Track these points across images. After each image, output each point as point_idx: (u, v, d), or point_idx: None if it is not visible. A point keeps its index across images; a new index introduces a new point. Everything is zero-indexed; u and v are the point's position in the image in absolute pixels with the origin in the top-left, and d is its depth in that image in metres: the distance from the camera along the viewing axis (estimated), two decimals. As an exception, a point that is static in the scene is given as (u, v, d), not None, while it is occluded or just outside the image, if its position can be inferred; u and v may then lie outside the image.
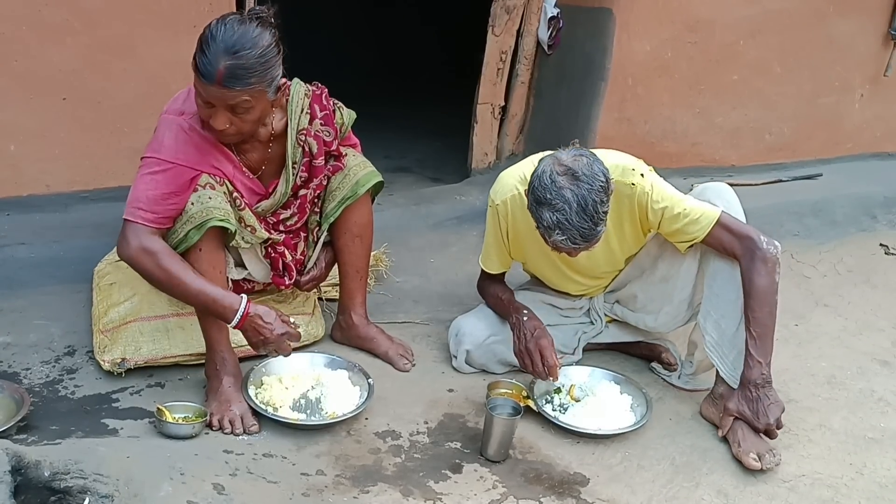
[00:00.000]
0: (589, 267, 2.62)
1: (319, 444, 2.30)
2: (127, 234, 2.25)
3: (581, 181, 2.18)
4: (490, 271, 2.69)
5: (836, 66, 4.30)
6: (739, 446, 2.36)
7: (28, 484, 1.80)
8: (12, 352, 2.58)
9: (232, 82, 2.15)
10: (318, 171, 2.55)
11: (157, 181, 2.27)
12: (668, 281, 2.60)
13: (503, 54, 3.99)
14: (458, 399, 2.59)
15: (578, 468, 2.32)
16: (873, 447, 2.51)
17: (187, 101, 2.33)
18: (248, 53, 2.15)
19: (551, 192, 2.18)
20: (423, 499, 2.14)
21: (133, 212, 2.25)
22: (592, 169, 2.20)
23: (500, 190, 2.55)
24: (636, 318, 2.74)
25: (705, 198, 2.47)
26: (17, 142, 3.04)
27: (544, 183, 2.20)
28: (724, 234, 2.39)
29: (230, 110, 2.21)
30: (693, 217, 2.39)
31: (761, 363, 2.37)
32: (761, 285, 2.36)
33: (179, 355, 2.53)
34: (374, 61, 6.46)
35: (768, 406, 2.34)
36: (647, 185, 2.40)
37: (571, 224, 2.17)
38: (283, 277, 2.61)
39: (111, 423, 2.30)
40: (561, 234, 2.20)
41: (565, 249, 2.27)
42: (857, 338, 3.18)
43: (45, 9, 2.92)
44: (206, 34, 2.17)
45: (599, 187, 2.19)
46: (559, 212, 2.17)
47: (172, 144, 2.30)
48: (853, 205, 4.20)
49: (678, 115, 3.98)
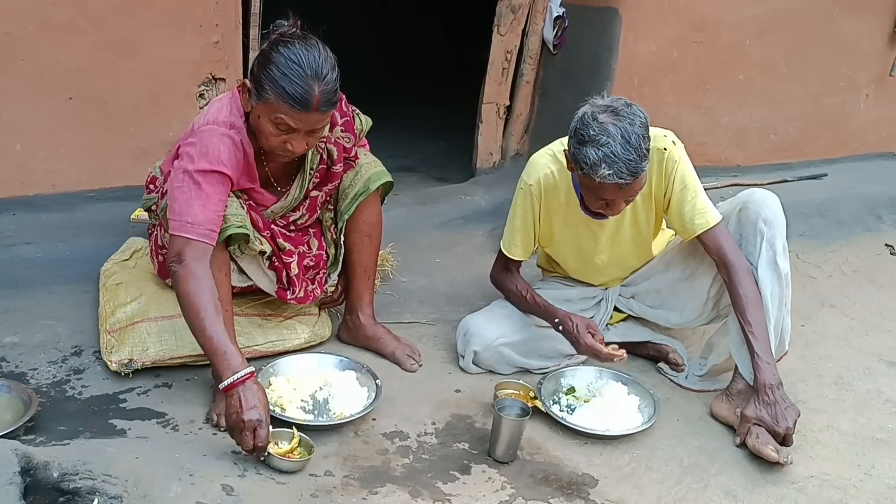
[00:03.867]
0: (615, 247, 2.63)
1: (327, 444, 2.29)
2: (182, 250, 2.17)
3: (622, 116, 2.23)
4: (513, 257, 2.68)
5: (841, 66, 4.30)
6: (758, 437, 2.35)
7: (37, 485, 1.79)
8: (19, 352, 2.58)
9: (326, 107, 2.17)
10: (335, 177, 2.55)
11: (213, 190, 2.22)
12: (695, 278, 2.62)
13: (508, 54, 3.98)
14: (466, 399, 2.59)
15: (587, 469, 2.32)
16: (882, 448, 2.51)
17: (233, 114, 2.29)
18: (331, 75, 2.16)
19: (594, 128, 2.22)
20: (432, 500, 2.14)
21: (186, 227, 2.17)
22: (631, 108, 2.26)
23: (532, 171, 2.57)
24: (656, 315, 2.75)
25: (753, 200, 2.49)
26: (24, 141, 3.04)
27: (587, 121, 2.25)
28: (719, 240, 2.45)
29: (310, 133, 2.21)
30: (699, 209, 2.45)
31: (770, 364, 2.38)
32: (753, 293, 2.42)
33: (187, 356, 2.52)
34: (378, 60, 6.46)
35: (786, 409, 2.35)
36: (677, 155, 2.46)
37: (617, 156, 2.20)
38: (287, 291, 2.58)
39: (119, 424, 2.30)
40: (608, 167, 2.21)
41: (608, 188, 2.27)
42: (863, 338, 3.18)
43: (52, 8, 2.91)
44: (282, 60, 2.12)
45: (640, 123, 2.24)
46: (605, 146, 2.20)
47: (229, 156, 2.25)
48: (859, 205, 4.20)
49: (684, 115, 3.97)
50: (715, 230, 2.45)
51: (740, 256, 2.45)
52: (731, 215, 2.53)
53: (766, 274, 2.45)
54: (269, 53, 2.16)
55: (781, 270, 2.46)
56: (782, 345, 2.55)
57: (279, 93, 2.13)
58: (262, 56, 2.19)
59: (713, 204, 2.50)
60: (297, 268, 2.57)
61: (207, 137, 2.25)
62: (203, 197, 2.20)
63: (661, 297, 2.72)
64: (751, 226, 2.48)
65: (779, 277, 2.46)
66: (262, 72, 2.16)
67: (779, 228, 2.47)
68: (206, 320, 2.12)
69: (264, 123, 2.20)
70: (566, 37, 3.86)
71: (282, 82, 2.12)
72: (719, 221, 2.46)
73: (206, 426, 2.33)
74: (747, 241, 2.49)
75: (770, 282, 2.45)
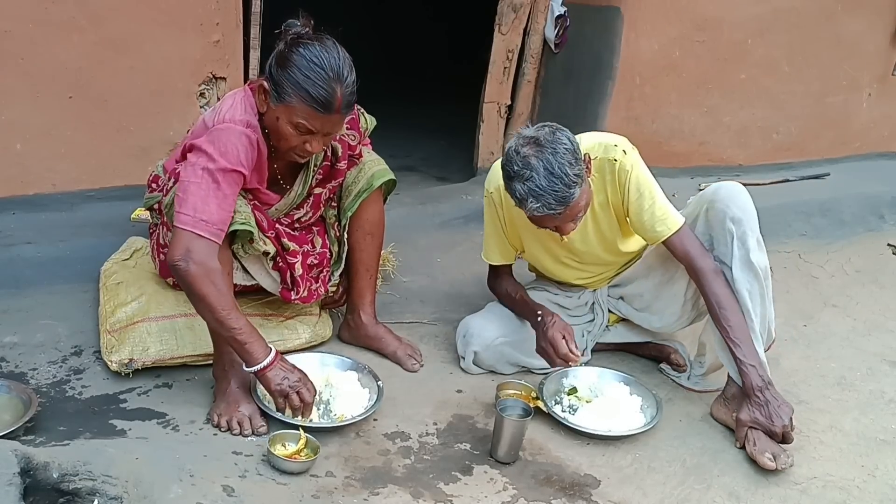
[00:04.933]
0: (586, 252, 2.61)
1: (328, 445, 2.28)
2: (192, 246, 2.14)
3: (544, 147, 2.19)
4: (493, 263, 2.69)
5: (843, 66, 4.30)
6: (755, 445, 2.34)
7: (37, 486, 1.79)
8: (19, 352, 2.57)
9: (347, 109, 2.17)
10: (339, 174, 2.55)
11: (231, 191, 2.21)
12: (674, 282, 2.60)
13: (510, 53, 3.98)
14: (467, 400, 2.58)
15: (589, 470, 2.31)
16: (885, 449, 2.50)
17: (248, 112, 2.27)
18: (350, 77, 2.16)
19: (517, 163, 2.20)
20: (433, 500, 2.13)
21: (200, 224, 2.15)
22: (555, 135, 2.22)
23: (492, 178, 2.56)
24: (640, 318, 2.74)
25: (718, 198, 2.45)
26: (24, 140, 3.03)
27: (510, 156, 2.22)
28: (685, 245, 2.42)
29: (327, 134, 2.21)
30: (658, 216, 2.41)
31: (755, 366, 2.36)
32: (726, 295, 2.39)
33: (188, 356, 2.52)
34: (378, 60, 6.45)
35: (779, 407, 2.33)
36: (629, 164, 2.41)
37: (542, 189, 2.17)
38: (291, 291, 2.57)
39: (119, 424, 2.29)
40: (535, 201, 2.19)
41: (545, 219, 2.26)
42: (866, 338, 3.17)
43: (52, 7, 2.91)
44: (303, 63, 2.11)
45: (564, 150, 2.19)
46: (528, 180, 2.18)
47: (247, 155, 2.24)
48: (861, 204, 4.20)
49: (686, 114, 3.97)
50: (678, 236, 2.42)
51: (707, 259, 2.42)
52: (699, 216, 2.50)
53: (742, 274, 2.41)
54: (288, 55, 2.15)
55: (757, 266, 2.41)
56: (769, 335, 2.51)
57: (302, 96, 2.12)
58: (281, 57, 2.17)
59: (675, 208, 2.45)
60: (301, 268, 2.56)
61: (226, 136, 2.22)
62: (220, 196, 2.19)
63: (645, 300, 2.70)
64: (719, 226, 2.43)
65: (755, 275, 2.41)
66: (283, 74, 2.15)
67: (749, 224, 2.42)
68: (229, 314, 2.17)
69: (284, 125, 2.20)
70: (568, 36, 3.86)
71: (305, 85, 2.11)
72: (681, 226, 2.42)
73: (206, 426, 2.32)
74: (718, 242, 2.45)
75: (747, 281, 2.41)
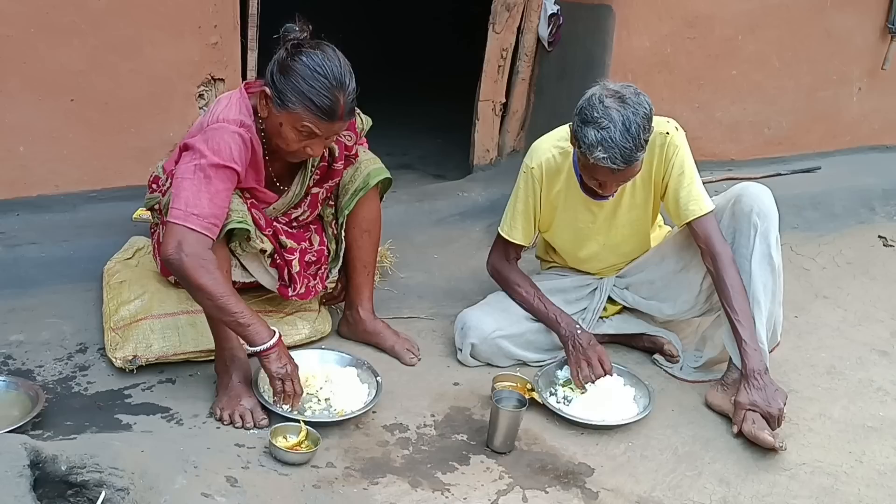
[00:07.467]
0: (612, 234, 2.70)
1: (329, 437, 2.33)
2: (183, 239, 2.17)
3: (627, 104, 2.29)
4: (514, 241, 2.74)
5: (834, 60, 4.33)
6: (754, 423, 2.39)
7: (46, 478, 1.83)
8: (25, 349, 2.62)
9: (349, 116, 2.23)
10: (335, 174, 2.59)
11: (223, 186, 2.24)
12: (688, 270, 2.67)
13: (504, 51, 4.02)
14: (464, 392, 2.63)
15: (583, 458, 2.36)
16: (872, 436, 2.55)
17: (242, 112, 2.31)
18: (351, 84, 2.21)
19: (598, 110, 2.28)
20: (431, 489, 2.18)
21: (191, 218, 2.19)
22: (639, 97, 2.32)
23: (535, 154, 2.64)
24: (649, 306, 2.80)
25: (746, 194, 2.54)
26: (27, 143, 3.07)
27: (592, 103, 2.30)
28: (708, 229, 2.50)
29: (328, 138, 2.26)
30: (694, 196, 2.51)
31: (757, 350, 2.44)
32: (738, 282, 2.48)
33: (190, 352, 2.56)
34: (375, 57, 6.48)
35: (775, 392, 2.41)
36: (678, 141, 2.52)
37: (614, 142, 2.26)
38: (288, 288, 2.61)
39: (124, 419, 2.34)
40: (603, 151, 2.27)
41: (603, 171, 2.34)
42: (856, 329, 3.22)
43: (53, 11, 2.94)
44: (306, 71, 2.15)
45: (644, 114, 2.29)
46: (604, 129, 2.26)
47: (240, 153, 2.27)
48: (852, 197, 4.23)
49: (678, 110, 3.99)
50: (706, 218, 2.51)
51: (726, 247, 2.51)
52: (725, 209, 2.58)
53: (761, 267, 2.50)
54: (290, 62, 2.19)
55: (775, 263, 2.51)
56: (774, 336, 2.60)
57: (306, 104, 2.17)
58: (282, 65, 2.21)
59: (708, 196, 2.56)
60: (298, 265, 2.60)
61: (219, 134, 2.26)
62: (212, 191, 2.23)
63: (655, 288, 2.76)
64: (745, 219, 2.52)
65: (772, 270, 2.51)
66: (285, 82, 2.19)
67: (772, 222, 2.52)
68: (229, 300, 2.21)
69: (287, 131, 2.24)
70: (561, 34, 3.90)
71: (309, 94, 2.16)
72: (711, 210, 2.52)
73: (209, 420, 2.37)
74: (741, 234, 2.53)
75: (764, 274, 2.50)
